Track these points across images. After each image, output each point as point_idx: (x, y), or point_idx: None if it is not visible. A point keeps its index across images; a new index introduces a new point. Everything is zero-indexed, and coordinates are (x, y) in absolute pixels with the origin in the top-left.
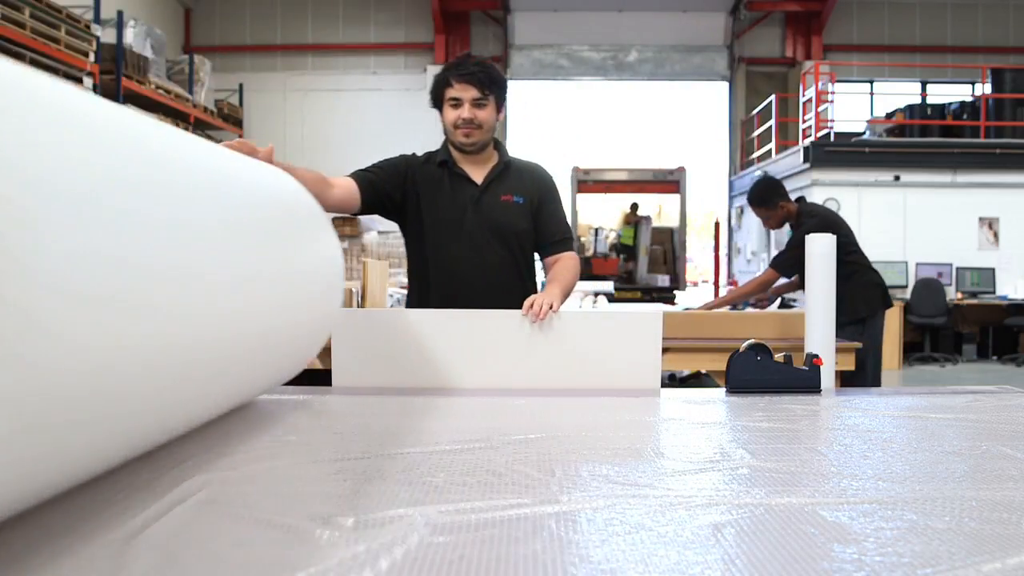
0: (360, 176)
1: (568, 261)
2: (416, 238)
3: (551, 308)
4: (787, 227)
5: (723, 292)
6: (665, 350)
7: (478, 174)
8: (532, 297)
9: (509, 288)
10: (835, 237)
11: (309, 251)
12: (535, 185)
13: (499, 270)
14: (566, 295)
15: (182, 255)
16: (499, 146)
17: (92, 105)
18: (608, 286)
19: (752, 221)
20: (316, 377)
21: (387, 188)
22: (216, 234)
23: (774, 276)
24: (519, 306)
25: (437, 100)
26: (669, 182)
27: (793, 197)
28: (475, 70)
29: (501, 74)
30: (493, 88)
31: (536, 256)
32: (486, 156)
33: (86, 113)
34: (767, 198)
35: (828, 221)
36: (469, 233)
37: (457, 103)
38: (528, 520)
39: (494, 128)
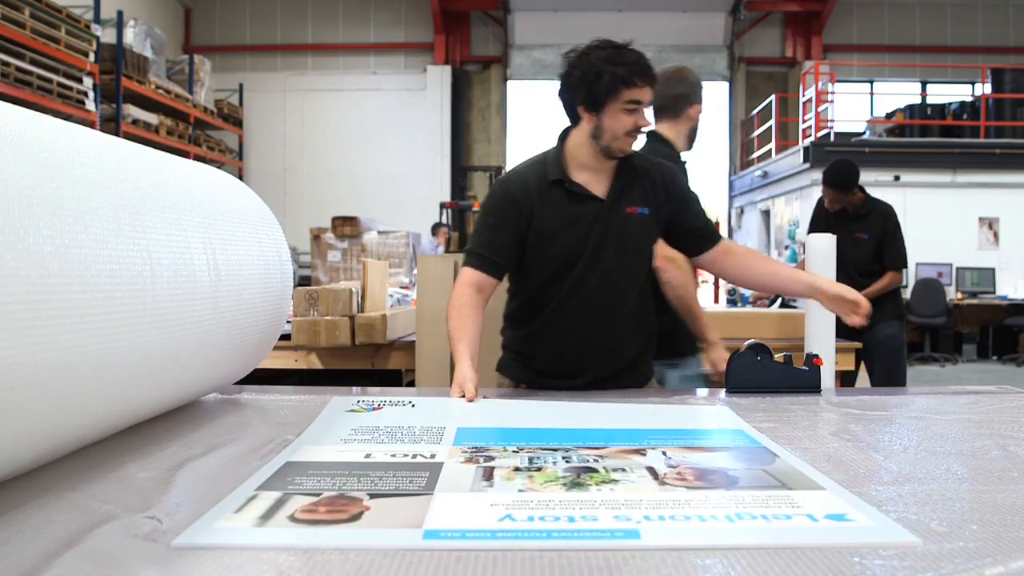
0: (486, 266)
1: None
2: (525, 275)
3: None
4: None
5: (723, 292)
6: None
7: (599, 185)
8: (849, 297)
9: (638, 323)
10: (834, 238)
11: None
12: (663, 191)
13: (629, 300)
14: None
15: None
16: None
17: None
18: None
19: (752, 221)
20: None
21: (513, 254)
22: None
23: (900, 275)
24: (643, 349)
25: (601, 99)
26: None
27: (793, 198)
28: (650, 69)
29: None
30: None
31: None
32: (609, 162)
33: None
34: (849, 184)
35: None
36: (593, 262)
37: (635, 107)
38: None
39: None
